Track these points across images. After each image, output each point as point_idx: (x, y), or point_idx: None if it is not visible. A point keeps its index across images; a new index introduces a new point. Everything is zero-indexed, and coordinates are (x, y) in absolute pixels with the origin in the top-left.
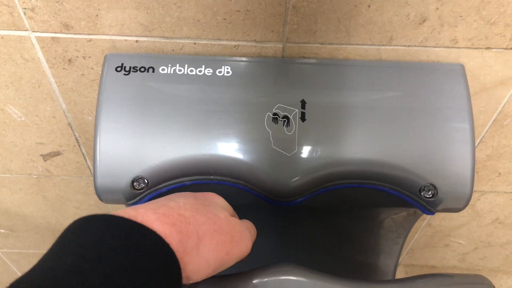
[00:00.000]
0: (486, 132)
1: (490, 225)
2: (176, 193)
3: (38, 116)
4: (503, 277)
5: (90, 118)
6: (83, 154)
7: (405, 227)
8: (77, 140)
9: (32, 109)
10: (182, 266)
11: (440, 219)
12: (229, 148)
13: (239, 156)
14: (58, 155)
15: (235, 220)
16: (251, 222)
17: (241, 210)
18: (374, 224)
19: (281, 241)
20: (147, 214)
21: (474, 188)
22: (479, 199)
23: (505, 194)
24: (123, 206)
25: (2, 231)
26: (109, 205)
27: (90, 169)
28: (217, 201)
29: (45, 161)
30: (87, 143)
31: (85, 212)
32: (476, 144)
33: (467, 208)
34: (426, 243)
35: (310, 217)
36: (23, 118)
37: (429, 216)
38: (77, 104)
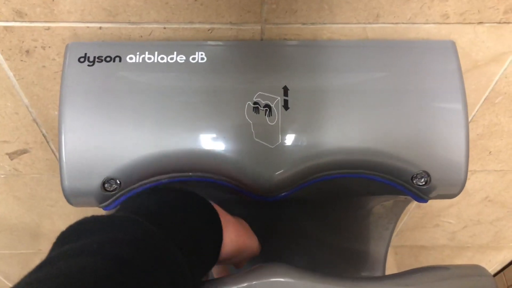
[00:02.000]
0: (477, 111)
1: (480, 204)
2: None
3: None
4: (492, 252)
5: (56, 113)
6: (52, 151)
7: (395, 213)
8: (44, 136)
9: None
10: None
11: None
12: (207, 142)
13: (219, 150)
14: (25, 153)
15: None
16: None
17: (224, 205)
18: (364, 212)
19: (270, 235)
20: None
21: None
22: (469, 179)
23: (495, 172)
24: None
25: None
26: None
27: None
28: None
29: (11, 159)
30: (56, 139)
31: (61, 210)
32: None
33: None
34: (416, 224)
35: (298, 208)
36: None
37: None
38: (40, 99)
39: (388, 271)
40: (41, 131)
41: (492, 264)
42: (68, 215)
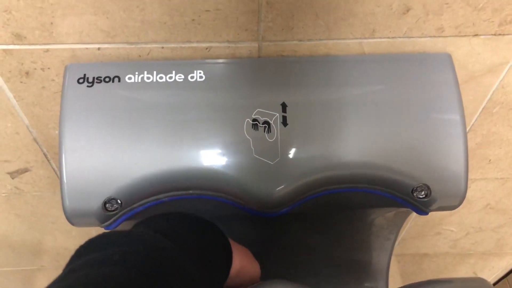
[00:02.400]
0: (476, 120)
1: (481, 211)
2: None
3: None
4: (495, 259)
5: (56, 132)
6: (53, 169)
7: (396, 223)
8: (45, 155)
9: None
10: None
11: None
12: (208, 160)
13: (219, 167)
14: (26, 171)
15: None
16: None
17: (225, 222)
18: (366, 224)
19: (272, 248)
20: None
21: None
22: (470, 187)
23: (496, 180)
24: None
25: None
26: None
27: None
28: None
29: (13, 178)
30: (56, 158)
31: (63, 226)
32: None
33: None
34: (418, 233)
35: (299, 222)
36: None
37: None
38: (40, 119)
39: (391, 280)
40: (41, 150)
41: (496, 270)
42: (69, 232)
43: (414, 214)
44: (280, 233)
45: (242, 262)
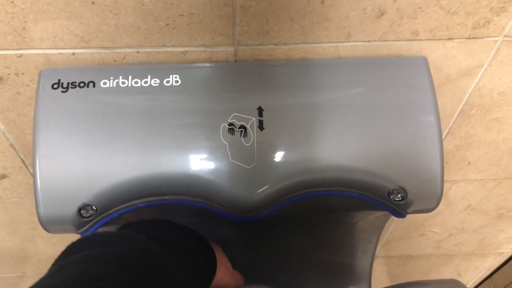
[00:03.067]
0: (453, 123)
1: (463, 212)
2: None
3: None
4: (478, 259)
5: (32, 137)
6: (31, 175)
7: (378, 226)
8: (23, 161)
9: None
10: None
11: None
12: (183, 165)
13: (195, 172)
14: (4, 177)
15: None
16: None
17: (204, 228)
18: (347, 227)
19: (254, 253)
20: None
21: (446, 178)
22: (451, 189)
23: (476, 182)
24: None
25: None
26: None
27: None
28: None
29: None
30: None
31: (44, 233)
32: (444, 136)
33: None
34: (401, 235)
35: (281, 226)
36: None
37: None
38: (17, 124)
39: (377, 282)
40: (19, 156)
41: (480, 270)
42: (51, 237)
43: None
44: (262, 237)
45: (225, 274)
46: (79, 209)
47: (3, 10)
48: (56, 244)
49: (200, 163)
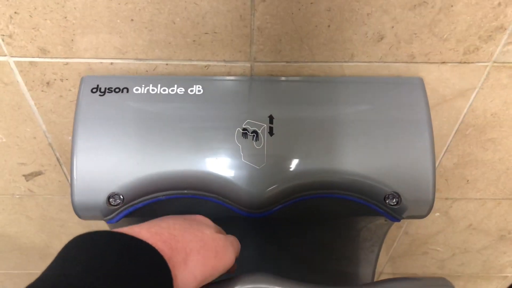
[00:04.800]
0: (451, 141)
1: (465, 231)
2: (168, 216)
3: (19, 138)
4: (483, 283)
5: (70, 138)
6: (64, 173)
7: (378, 235)
8: (58, 159)
9: (13, 131)
10: (172, 278)
11: (416, 227)
12: (201, 163)
13: (211, 170)
14: (40, 174)
15: (220, 236)
16: (235, 237)
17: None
18: (349, 234)
19: (259, 253)
20: (141, 232)
21: (446, 196)
22: (451, 206)
23: (475, 201)
24: (103, 224)
25: None
26: (91, 222)
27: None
28: (204, 221)
29: (27, 181)
30: (68, 162)
31: (69, 230)
32: (442, 154)
33: (441, 215)
34: (405, 251)
35: (287, 229)
36: (4, 140)
37: (406, 224)
38: (56, 125)
39: None
40: (55, 154)
41: None
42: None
43: (400, 232)
44: (269, 239)
45: (204, 266)
46: (108, 197)
47: (57, 24)
48: None
49: (216, 162)
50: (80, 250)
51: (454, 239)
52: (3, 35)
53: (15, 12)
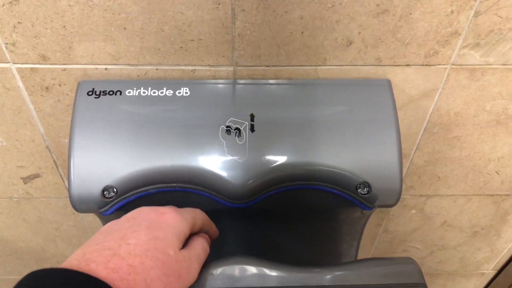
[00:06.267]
0: (420, 139)
1: (440, 228)
2: (133, 223)
3: (18, 141)
4: (462, 280)
5: (66, 140)
6: (60, 176)
7: (356, 229)
8: (55, 162)
9: (13, 134)
10: None
11: (395, 224)
12: (189, 158)
13: (198, 164)
14: (37, 177)
15: (184, 256)
16: (205, 238)
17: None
18: (327, 227)
19: (242, 243)
20: (98, 269)
21: (420, 193)
22: (426, 203)
23: (447, 197)
24: (97, 221)
25: None
26: (86, 225)
27: (68, 189)
28: (172, 225)
29: (25, 183)
30: (64, 165)
31: (65, 234)
32: (413, 152)
33: (417, 212)
34: (386, 249)
35: (269, 221)
36: (4, 143)
37: (385, 221)
38: (54, 128)
39: None
40: (52, 157)
41: None
42: (70, 239)
43: (380, 230)
44: (253, 234)
45: (167, 277)
46: (103, 190)
47: (56, 32)
48: (74, 246)
49: (202, 157)
50: None
51: (431, 236)
52: (7, 43)
53: (18, 22)
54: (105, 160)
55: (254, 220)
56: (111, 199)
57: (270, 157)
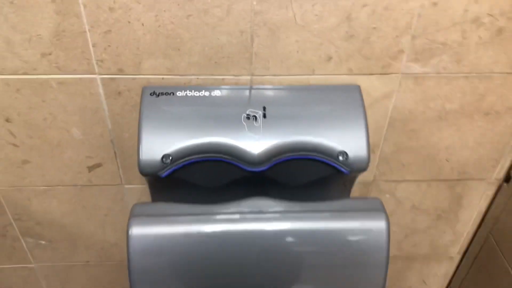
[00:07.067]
0: (386, 132)
1: (410, 212)
2: None
3: (91, 135)
4: (434, 265)
5: (126, 135)
6: (118, 165)
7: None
8: (115, 153)
9: (88, 130)
10: None
11: None
12: (221, 136)
13: (227, 140)
14: (99, 166)
15: None
16: None
17: (227, 182)
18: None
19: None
20: None
21: (390, 178)
22: (396, 188)
23: (412, 182)
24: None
25: (42, 242)
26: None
27: (121, 177)
28: None
29: (89, 172)
30: (121, 155)
31: (112, 219)
32: (382, 142)
33: (390, 196)
34: None
35: (275, 187)
36: (81, 137)
37: None
38: (119, 125)
39: None
40: (114, 149)
41: (439, 279)
42: (115, 225)
43: None
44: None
45: None
46: (162, 157)
47: (132, 52)
48: (120, 234)
49: (230, 135)
50: None
51: (404, 220)
52: (97, 60)
53: (108, 45)
54: (163, 137)
55: (267, 185)
56: (167, 164)
57: (277, 135)
